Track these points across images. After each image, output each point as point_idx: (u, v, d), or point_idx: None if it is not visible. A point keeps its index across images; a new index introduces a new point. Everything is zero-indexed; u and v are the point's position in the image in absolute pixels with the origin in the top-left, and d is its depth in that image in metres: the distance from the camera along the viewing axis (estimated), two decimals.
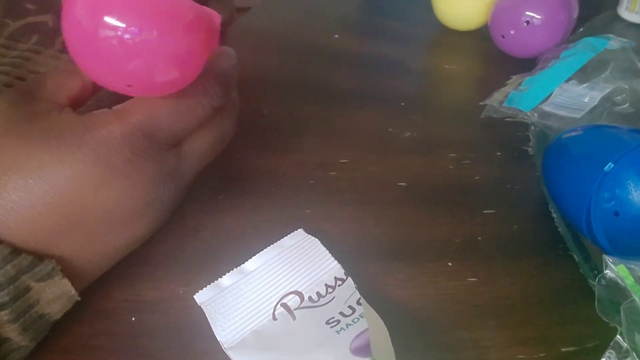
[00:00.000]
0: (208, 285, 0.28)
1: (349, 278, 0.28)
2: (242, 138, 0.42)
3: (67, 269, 0.24)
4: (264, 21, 0.58)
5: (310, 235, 0.31)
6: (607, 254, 0.26)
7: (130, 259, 0.31)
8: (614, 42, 0.44)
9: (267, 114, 0.44)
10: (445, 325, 0.28)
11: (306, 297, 0.27)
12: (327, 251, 0.30)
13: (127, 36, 0.21)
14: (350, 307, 0.27)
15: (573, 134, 0.33)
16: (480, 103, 0.42)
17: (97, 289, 0.30)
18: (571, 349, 0.27)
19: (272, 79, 0.45)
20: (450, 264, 0.31)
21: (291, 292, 0.28)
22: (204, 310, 0.27)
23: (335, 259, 0.29)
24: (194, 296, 0.28)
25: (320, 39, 0.54)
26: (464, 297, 0.29)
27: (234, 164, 0.39)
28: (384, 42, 0.53)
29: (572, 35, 0.50)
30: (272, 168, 0.39)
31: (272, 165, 0.39)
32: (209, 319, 0.27)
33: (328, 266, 0.29)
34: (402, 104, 0.45)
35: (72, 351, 0.27)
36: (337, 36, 0.54)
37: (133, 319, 0.28)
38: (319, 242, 0.30)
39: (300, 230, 0.31)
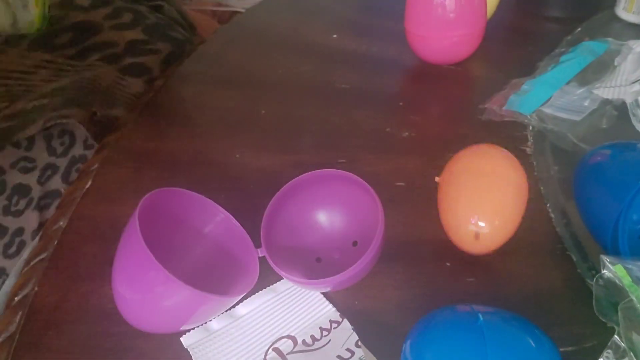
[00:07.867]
0: (195, 328, 0.27)
1: (345, 320, 0.28)
2: (240, 138, 0.42)
3: None
4: (262, 21, 0.58)
5: None
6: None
7: None
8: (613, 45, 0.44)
9: (265, 114, 0.44)
10: None
11: (300, 341, 0.27)
12: (322, 295, 0.29)
13: None
14: (348, 349, 0.26)
15: (608, 150, 0.32)
16: (480, 106, 0.42)
17: (96, 289, 0.30)
18: (569, 348, 0.27)
19: (270, 79, 0.45)
20: (448, 264, 0.31)
21: (284, 337, 0.27)
22: (191, 353, 0.26)
23: None
24: (180, 339, 0.27)
25: (318, 39, 0.54)
26: (462, 297, 0.29)
27: (233, 165, 0.39)
28: (382, 42, 0.53)
29: (571, 36, 0.50)
30: (270, 168, 0.39)
31: (270, 165, 0.39)
32: None
33: (323, 309, 0.28)
34: (400, 103, 0.45)
35: (70, 351, 0.27)
36: (335, 36, 0.54)
37: None
38: None
39: None
